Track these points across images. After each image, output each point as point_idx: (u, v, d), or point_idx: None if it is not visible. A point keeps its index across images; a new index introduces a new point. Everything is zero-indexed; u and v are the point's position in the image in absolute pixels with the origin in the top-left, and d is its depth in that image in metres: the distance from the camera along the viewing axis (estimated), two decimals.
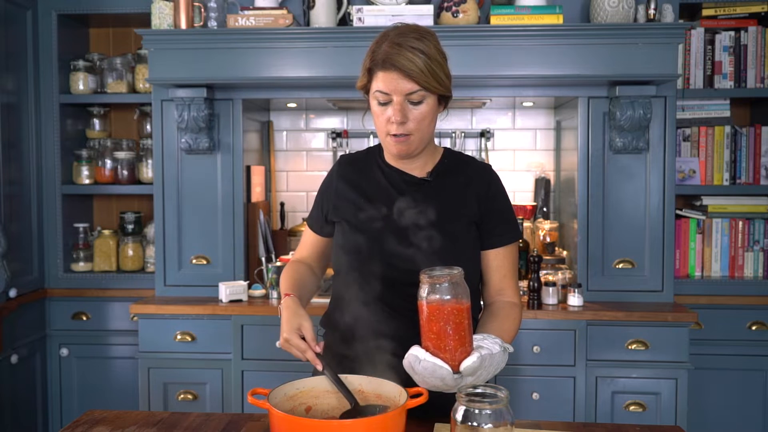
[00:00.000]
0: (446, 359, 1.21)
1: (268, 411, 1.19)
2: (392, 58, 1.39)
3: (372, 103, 1.48)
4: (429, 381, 1.23)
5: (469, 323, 1.23)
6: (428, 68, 1.40)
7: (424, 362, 1.21)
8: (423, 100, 1.43)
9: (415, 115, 1.44)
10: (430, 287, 1.22)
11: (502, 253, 1.55)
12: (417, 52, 1.39)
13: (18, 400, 2.95)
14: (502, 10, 2.67)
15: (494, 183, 1.57)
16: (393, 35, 1.43)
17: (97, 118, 3.31)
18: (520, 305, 1.57)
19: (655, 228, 2.78)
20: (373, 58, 1.44)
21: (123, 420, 1.48)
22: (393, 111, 1.42)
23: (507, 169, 3.32)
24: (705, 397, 2.93)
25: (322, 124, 3.40)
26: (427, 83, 1.41)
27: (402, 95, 1.41)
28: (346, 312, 1.54)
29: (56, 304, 3.13)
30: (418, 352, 1.22)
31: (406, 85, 1.40)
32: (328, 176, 1.65)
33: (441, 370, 1.20)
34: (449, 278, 1.22)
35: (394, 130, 1.44)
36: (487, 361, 1.23)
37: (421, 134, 1.47)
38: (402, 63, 1.39)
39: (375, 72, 1.44)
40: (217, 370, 2.74)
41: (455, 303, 1.21)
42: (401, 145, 1.46)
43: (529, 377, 2.65)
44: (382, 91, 1.42)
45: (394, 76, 1.40)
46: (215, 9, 2.77)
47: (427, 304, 1.22)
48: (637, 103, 2.66)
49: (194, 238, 2.91)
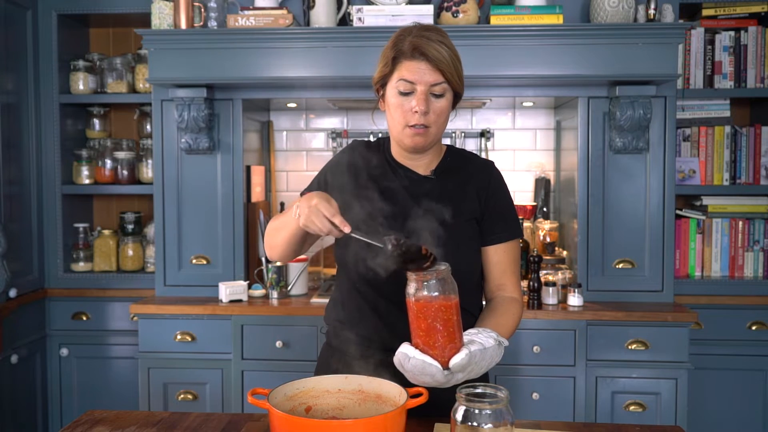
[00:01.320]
0: (435, 356, 1.22)
1: (268, 411, 1.19)
2: (422, 47, 1.42)
3: (391, 93, 1.48)
4: (419, 378, 1.23)
5: (458, 319, 1.23)
6: (452, 62, 1.44)
7: (413, 360, 1.21)
8: (444, 93, 1.46)
9: (435, 107, 1.46)
10: (417, 284, 1.22)
11: (502, 249, 1.56)
12: (443, 45, 1.44)
13: (18, 400, 2.95)
14: (502, 10, 2.67)
15: (495, 180, 1.58)
16: (416, 30, 1.46)
17: (97, 118, 3.31)
18: (521, 301, 1.57)
19: (655, 228, 2.78)
20: (397, 47, 1.45)
21: (123, 420, 1.48)
22: (417, 100, 1.43)
23: (507, 169, 3.31)
24: (705, 397, 2.93)
25: (322, 124, 3.40)
26: (451, 76, 1.44)
27: (427, 85, 1.43)
28: (348, 308, 1.54)
29: (56, 304, 3.13)
30: (408, 350, 1.23)
31: (433, 76, 1.43)
32: (337, 156, 1.63)
33: (430, 367, 1.21)
34: (436, 275, 1.22)
35: (415, 120, 1.44)
36: (478, 356, 1.23)
37: (438, 129, 1.48)
38: (431, 53, 1.42)
39: (400, 61, 1.45)
40: (217, 370, 2.74)
41: (443, 300, 1.21)
42: (419, 137, 1.47)
43: (529, 377, 2.65)
44: (407, 80, 1.43)
45: (421, 66, 1.43)
46: (215, 9, 2.77)
47: (415, 301, 1.22)
48: (637, 103, 2.66)
49: (194, 238, 2.91)
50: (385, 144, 1.62)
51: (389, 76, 1.48)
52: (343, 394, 1.35)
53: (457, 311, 1.23)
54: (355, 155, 1.59)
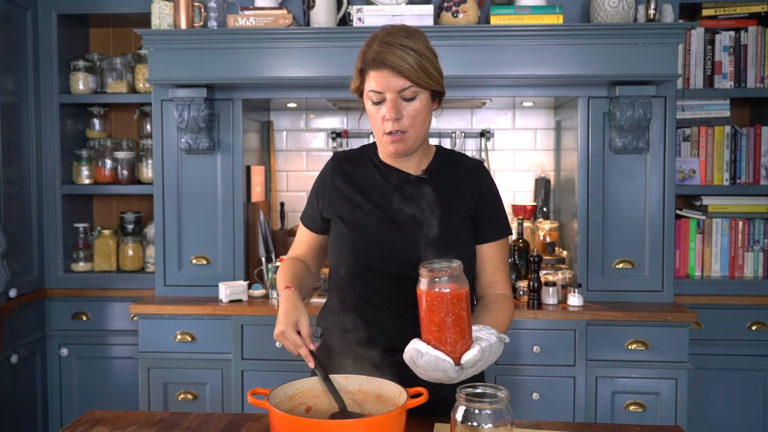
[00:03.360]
0: (447, 352, 1.22)
1: (268, 411, 1.19)
2: (382, 56, 1.42)
3: (366, 104, 1.50)
4: (431, 374, 1.23)
5: (468, 315, 1.24)
6: (418, 64, 1.43)
7: (426, 356, 1.21)
8: (416, 96, 1.45)
9: (409, 111, 1.45)
10: (429, 280, 1.22)
11: (494, 247, 1.58)
12: (406, 49, 1.42)
13: (18, 400, 2.95)
14: (502, 10, 2.67)
15: (486, 179, 1.59)
16: (381, 36, 1.46)
17: (97, 118, 3.31)
18: (512, 297, 1.59)
19: (655, 228, 2.78)
20: (364, 59, 1.47)
21: (123, 420, 1.48)
22: (387, 108, 1.44)
23: (507, 169, 3.32)
24: (705, 397, 2.93)
25: (322, 124, 3.40)
26: (418, 79, 1.43)
27: (395, 92, 1.43)
28: (343, 309, 1.54)
29: (56, 304, 3.13)
30: (420, 346, 1.23)
31: (398, 82, 1.43)
32: (322, 172, 1.65)
33: (444, 363, 1.21)
34: (449, 271, 1.22)
35: (389, 128, 1.45)
36: (488, 352, 1.24)
37: (416, 131, 1.48)
38: (393, 60, 1.41)
39: (367, 72, 1.46)
40: (217, 370, 2.74)
41: (455, 292, 1.21)
42: (398, 144, 1.47)
43: (529, 377, 2.65)
44: (375, 90, 1.44)
45: (385, 74, 1.43)
46: (215, 9, 2.77)
47: (426, 297, 1.22)
48: (637, 103, 2.66)
49: (194, 238, 2.91)
50: (371, 149, 1.63)
51: (362, 86, 1.50)
52: (343, 394, 1.35)
53: (467, 306, 1.23)
54: (337, 166, 1.62)
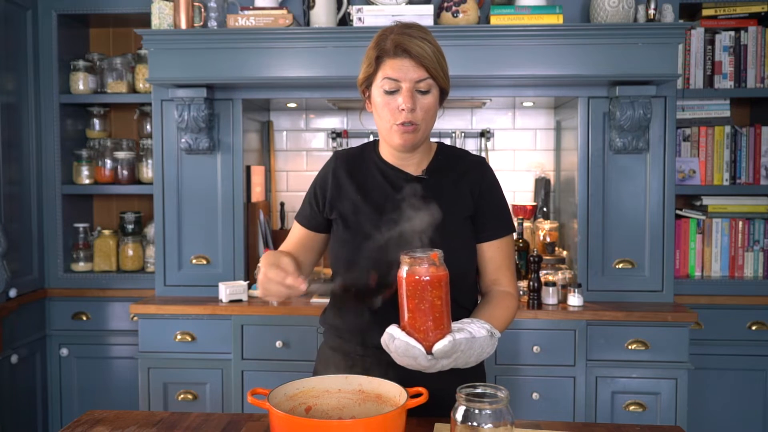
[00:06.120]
0: (420, 339, 1.23)
1: (268, 411, 1.19)
2: (404, 44, 1.41)
3: (376, 93, 1.47)
4: (403, 360, 1.24)
5: (446, 305, 1.24)
6: (436, 57, 1.43)
7: (397, 341, 1.23)
8: (430, 90, 1.45)
9: (423, 104, 1.45)
10: (407, 267, 1.23)
11: (496, 245, 1.56)
12: (425, 41, 1.43)
13: (18, 400, 2.95)
14: (502, 10, 2.67)
15: (488, 177, 1.58)
16: (398, 28, 1.46)
17: (97, 118, 3.31)
18: (517, 296, 1.57)
19: (655, 228, 2.78)
20: (380, 47, 1.45)
21: (123, 420, 1.48)
22: (404, 97, 1.43)
23: (507, 169, 3.32)
24: (705, 397, 2.93)
25: (322, 124, 3.40)
26: (436, 72, 1.43)
27: (412, 82, 1.43)
28: (345, 309, 1.54)
29: (56, 304, 3.13)
30: (393, 331, 1.24)
31: (417, 72, 1.42)
32: (323, 170, 1.64)
33: (413, 349, 1.22)
34: (426, 258, 1.22)
35: (403, 118, 1.44)
36: (464, 345, 1.24)
37: (426, 126, 1.48)
38: (414, 49, 1.41)
39: (383, 60, 1.44)
40: (217, 370, 2.74)
41: (432, 278, 1.22)
42: (408, 135, 1.46)
43: (529, 377, 2.65)
44: (392, 78, 1.43)
45: (405, 63, 1.42)
46: (215, 9, 2.77)
47: (403, 283, 1.23)
48: (637, 103, 2.66)
49: (194, 238, 2.91)
50: (371, 147, 1.61)
51: (374, 76, 1.47)
52: (343, 394, 1.35)
53: (444, 295, 1.23)
54: (339, 164, 1.60)
